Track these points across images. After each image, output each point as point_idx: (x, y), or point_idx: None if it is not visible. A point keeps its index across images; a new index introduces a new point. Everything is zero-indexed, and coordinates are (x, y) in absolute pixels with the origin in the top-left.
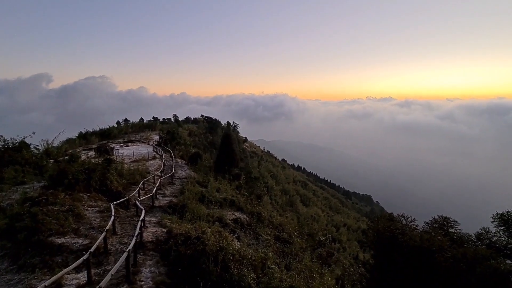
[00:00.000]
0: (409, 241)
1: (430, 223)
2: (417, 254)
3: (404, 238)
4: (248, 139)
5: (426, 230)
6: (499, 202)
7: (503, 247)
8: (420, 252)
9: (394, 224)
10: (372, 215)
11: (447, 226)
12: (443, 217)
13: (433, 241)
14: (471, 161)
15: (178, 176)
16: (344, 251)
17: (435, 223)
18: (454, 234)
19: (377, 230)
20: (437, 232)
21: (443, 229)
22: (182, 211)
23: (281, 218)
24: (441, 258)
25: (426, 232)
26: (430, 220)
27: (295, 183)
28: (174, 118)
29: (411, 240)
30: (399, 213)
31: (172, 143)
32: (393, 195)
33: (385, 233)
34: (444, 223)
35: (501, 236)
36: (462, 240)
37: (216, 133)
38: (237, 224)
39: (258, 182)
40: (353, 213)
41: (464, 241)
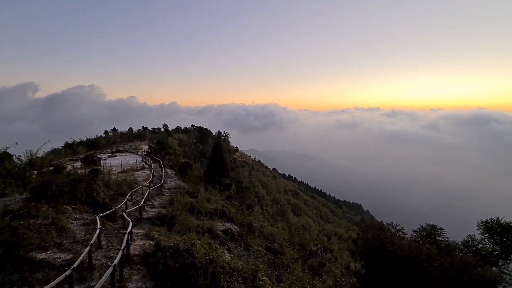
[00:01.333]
0: (398, 250)
1: (418, 231)
2: (406, 263)
3: (393, 247)
4: (239, 149)
5: (415, 238)
6: (484, 209)
7: (489, 254)
8: (409, 261)
9: (383, 233)
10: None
11: (435, 234)
12: (430, 225)
13: (421, 249)
14: (457, 169)
15: (168, 187)
16: (335, 260)
17: (423, 232)
18: (442, 242)
19: (366, 239)
20: (425, 241)
21: (431, 237)
22: (171, 222)
23: (272, 228)
24: (430, 267)
25: (414, 240)
26: (418, 228)
27: (286, 192)
28: (164, 128)
29: (399, 249)
30: (388, 222)
31: (161, 153)
32: (383, 204)
33: (374, 242)
34: (431, 231)
35: (486, 244)
36: (449, 248)
37: (207, 143)
38: (228, 235)
39: (249, 192)
40: (344, 222)
41: (451, 249)
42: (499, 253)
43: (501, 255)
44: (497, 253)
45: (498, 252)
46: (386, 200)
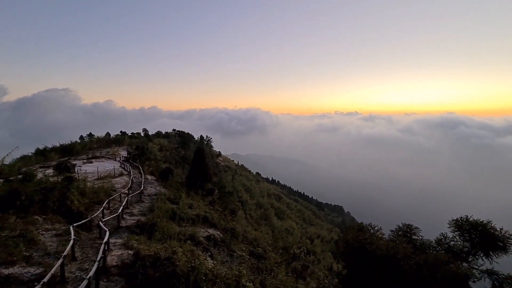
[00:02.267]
0: (376, 250)
1: (395, 231)
2: (384, 262)
3: (372, 247)
4: (222, 153)
5: (392, 238)
6: (455, 208)
7: (460, 251)
8: (387, 260)
9: (362, 234)
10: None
11: (411, 233)
12: (406, 224)
13: (398, 249)
14: (430, 171)
15: (148, 193)
16: (318, 262)
17: (399, 231)
18: (417, 241)
19: (346, 241)
20: (402, 240)
21: (407, 237)
22: (151, 230)
23: (255, 233)
24: (406, 265)
25: (392, 240)
26: (395, 228)
27: (270, 196)
28: (144, 133)
29: (378, 249)
30: (368, 223)
31: (141, 159)
32: (363, 205)
33: (354, 243)
34: (407, 231)
35: (457, 241)
36: (424, 246)
37: (189, 148)
38: (211, 242)
39: (232, 197)
40: (326, 224)
41: (426, 247)
42: (469, 250)
43: (470, 251)
44: (467, 249)
45: (468, 249)
46: (366, 201)
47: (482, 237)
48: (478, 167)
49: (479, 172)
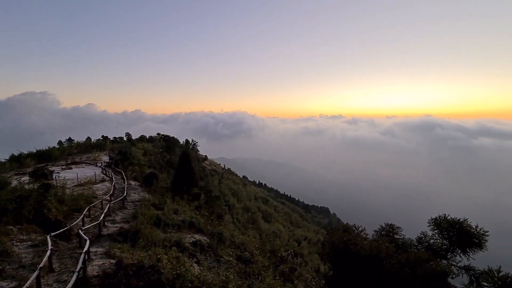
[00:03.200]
0: (360, 251)
1: (378, 231)
2: (367, 262)
3: (356, 248)
4: (208, 157)
5: (375, 238)
6: (435, 208)
7: (439, 248)
8: (370, 260)
9: (347, 235)
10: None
11: (393, 232)
12: (389, 224)
13: (381, 248)
14: (411, 171)
15: (131, 200)
16: (306, 265)
17: (382, 231)
18: (399, 240)
19: (331, 242)
20: (384, 240)
21: (390, 236)
22: (135, 237)
23: (243, 237)
24: (388, 264)
25: (375, 240)
26: (378, 228)
27: (257, 199)
28: (127, 137)
29: (362, 249)
30: (353, 224)
31: (124, 164)
32: (348, 206)
33: (339, 244)
34: (390, 230)
35: (437, 239)
36: (405, 245)
37: (174, 152)
38: (197, 247)
39: (219, 201)
40: (312, 226)
41: (407, 246)
42: (447, 247)
43: (449, 249)
44: (446, 247)
45: (446, 246)
46: (351, 202)
47: (459, 234)
48: (454, 167)
49: (455, 172)
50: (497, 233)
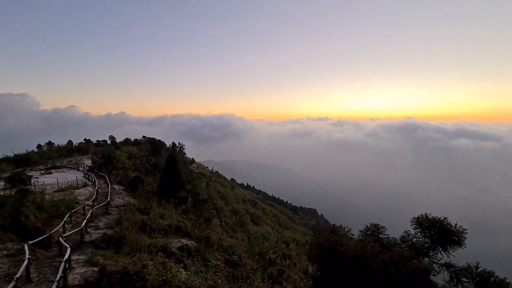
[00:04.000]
0: (346, 251)
1: (363, 231)
2: (353, 262)
3: (342, 248)
4: (196, 160)
5: (361, 238)
6: (417, 207)
7: (421, 246)
8: (356, 260)
9: (333, 236)
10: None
11: (378, 232)
12: (374, 224)
13: (366, 248)
14: (394, 172)
15: (115, 204)
16: (294, 266)
17: (368, 231)
18: (384, 240)
19: (318, 243)
20: (369, 240)
21: (375, 236)
22: (119, 244)
23: (231, 240)
24: (373, 264)
25: (360, 240)
26: (364, 228)
27: (245, 202)
28: (110, 140)
29: (348, 250)
30: (340, 224)
31: (108, 168)
32: (335, 207)
33: (325, 245)
34: (375, 230)
35: (419, 237)
36: (390, 244)
37: (160, 155)
38: (184, 252)
39: (206, 204)
40: (300, 227)
41: (392, 245)
42: (429, 245)
43: (430, 247)
44: (428, 245)
45: (428, 244)
46: (338, 203)
47: (440, 233)
48: (435, 167)
49: (436, 171)
50: (474, 230)
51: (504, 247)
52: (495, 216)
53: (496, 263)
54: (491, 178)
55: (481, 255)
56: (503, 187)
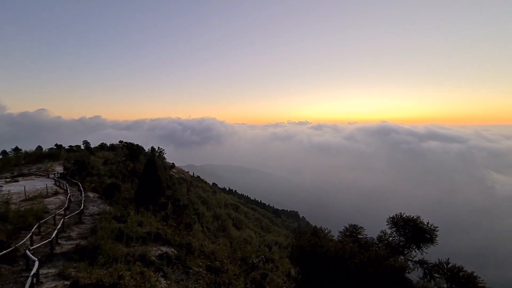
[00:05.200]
0: (326, 252)
1: (343, 232)
2: (333, 263)
3: (322, 250)
4: (176, 165)
5: (340, 239)
6: (393, 206)
7: (397, 245)
8: (336, 261)
9: (314, 238)
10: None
11: (356, 233)
12: (352, 225)
13: (345, 249)
14: (372, 174)
15: (89, 213)
16: (277, 269)
17: (347, 232)
18: (362, 240)
19: (299, 246)
20: (348, 240)
21: (353, 236)
22: (94, 254)
23: (213, 246)
24: (352, 264)
25: (339, 241)
26: (343, 229)
27: (227, 206)
28: (84, 145)
29: (328, 251)
30: (322, 226)
31: (81, 174)
32: (316, 209)
33: (306, 248)
34: (353, 231)
35: (395, 236)
36: (368, 244)
37: (138, 161)
38: (164, 260)
39: (187, 210)
40: (283, 230)
41: (370, 245)
42: (404, 244)
43: (405, 245)
44: (403, 243)
45: (403, 243)
46: (319, 205)
47: (413, 231)
48: (408, 169)
49: (409, 173)
50: (445, 228)
51: (471, 243)
52: (463, 214)
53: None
54: (458, 178)
55: (451, 251)
56: (470, 186)
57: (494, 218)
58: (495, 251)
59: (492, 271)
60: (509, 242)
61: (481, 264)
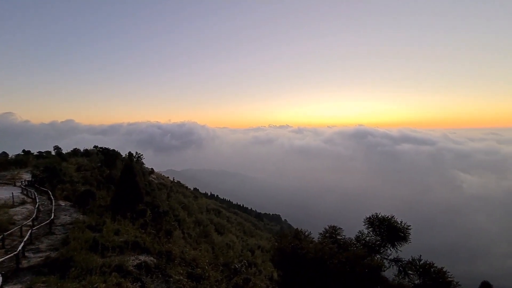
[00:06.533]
0: (306, 254)
1: (323, 234)
2: (313, 264)
3: (302, 251)
4: (156, 170)
5: (320, 240)
6: (371, 207)
7: (373, 244)
8: (315, 262)
9: (294, 241)
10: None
11: (335, 234)
12: (332, 226)
13: (325, 250)
14: (350, 176)
15: (61, 223)
16: (260, 274)
17: (326, 233)
18: (341, 240)
19: (280, 249)
20: (328, 241)
21: (333, 237)
22: (65, 267)
23: (194, 252)
24: (331, 264)
25: (319, 242)
26: (323, 231)
27: (209, 212)
28: (56, 151)
29: (308, 253)
30: (301, 228)
31: (52, 182)
32: (298, 211)
33: (287, 250)
34: (333, 232)
35: (371, 236)
36: (346, 244)
37: (115, 166)
38: (142, 269)
39: (167, 217)
40: (265, 234)
41: (348, 245)
42: (380, 243)
43: (381, 244)
44: (379, 242)
45: (379, 242)
46: (301, 207)
47: (388, 230)
48: (384, 170)
49: (385, 174)
50: (419, 226)
51: (443, 240)
52: (435, 212)
53: (437, 254)
54: (430, 179)
55: (423, 248)
56: (441, 186)
57: (463, 216)
58: (465, 246)
59: (462, 265)
60: (477, 238)
61: (453, 259)
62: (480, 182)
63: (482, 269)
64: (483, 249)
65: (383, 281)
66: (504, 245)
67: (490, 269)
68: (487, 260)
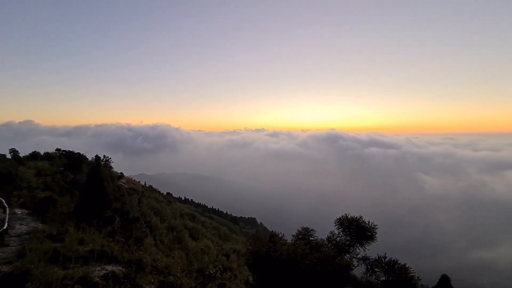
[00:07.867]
0: (280, 256)
1: (296, 235)
2: (286, 265)
3: (276, 254)
4: (126, 175)
5: (293, 242)
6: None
7: (343, 244)
8: (288, 263)
9: (268, 244)
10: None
11: (308, 235)
12: (304, 228)
13: (297, 251)
14: (324, 179)
15: (16, 233)
16: (235, 278)
17: (299, 235)
18: (313, 241)
19: (254, 252)
20: (300, 243)
21: (305, 239)
22: (21, 281)
23: (167, 260)
24: (303, 265)
25: (292, 244)
26: (296, 233)
27: (183, 217)
28: (12, 154)
29: (281, 255)
30: (275, 231)
31: (6, 188)
32: (273, 214)
33: (261, 253)
34: (305, 233)
35: (342, 236)
36: (318, 245)
37: (80, 171)
38: (109, 280)
39: (138, 223)
40: (241, 237)
41: (320, 246)
42: (349, 242)
43: (351, 244)
44: (348, 242)
45: (349, 241)
46: (276, 210)
47: (357, 230)
48: (354, 173)
49: (356, 177)
50: (387, 225)
51: (409, 238)
52: (401, 212)
53: (402, 252)
54: (396, 180)
55: (389, 246)
56: (406, 187)
57: (425, 214)
58: (427, 243)
59: (425, 260)
60: (438, 235)
61: (416, 255)
62: (439, 183)
63: (442, 263)
64: (444, 245)
65: (351, 279)
66: (462, 241)
67: (450, 263)
68: (447, 255)
